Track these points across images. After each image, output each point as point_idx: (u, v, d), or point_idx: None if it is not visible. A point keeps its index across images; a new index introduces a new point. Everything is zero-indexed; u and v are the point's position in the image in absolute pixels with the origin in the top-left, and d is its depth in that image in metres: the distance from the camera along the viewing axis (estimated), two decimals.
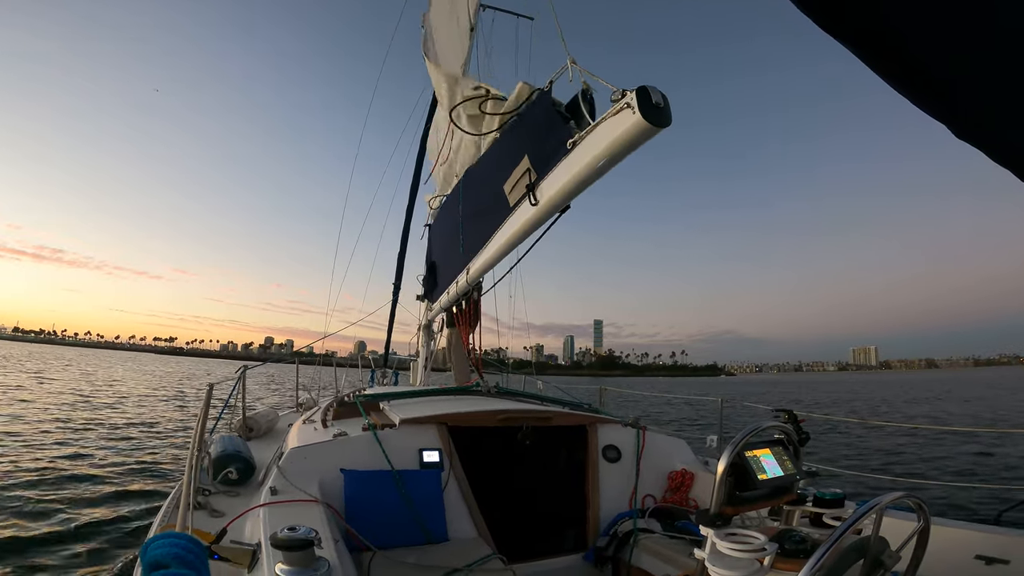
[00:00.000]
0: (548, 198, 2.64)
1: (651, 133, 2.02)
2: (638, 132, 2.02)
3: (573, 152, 2.40)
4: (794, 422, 2.25)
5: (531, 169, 2.79)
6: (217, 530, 1.91)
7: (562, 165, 2.49)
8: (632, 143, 2.09)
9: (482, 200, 3.75)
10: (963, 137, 0.85)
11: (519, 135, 2.99)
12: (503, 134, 3.20)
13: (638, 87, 1.99)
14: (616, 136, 2.10)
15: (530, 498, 3.15)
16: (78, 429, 10.24)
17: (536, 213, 2.78)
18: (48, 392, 16.99)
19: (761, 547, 1.41)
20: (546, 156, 2.64)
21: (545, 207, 2.70)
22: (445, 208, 5.13)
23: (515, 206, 3.03)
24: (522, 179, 2.87)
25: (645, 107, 1.96)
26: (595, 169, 2.31)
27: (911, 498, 1.38)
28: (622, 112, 2.04)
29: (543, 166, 2.68)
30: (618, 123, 2.08)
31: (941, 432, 14.07)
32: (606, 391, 6.33)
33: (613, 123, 2.11)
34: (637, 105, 1.96)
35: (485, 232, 3.59)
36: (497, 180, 3.25)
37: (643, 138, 2.05)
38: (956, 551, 2.11)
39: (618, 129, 2.08)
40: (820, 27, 0.74)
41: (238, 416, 4.32)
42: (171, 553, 1.43)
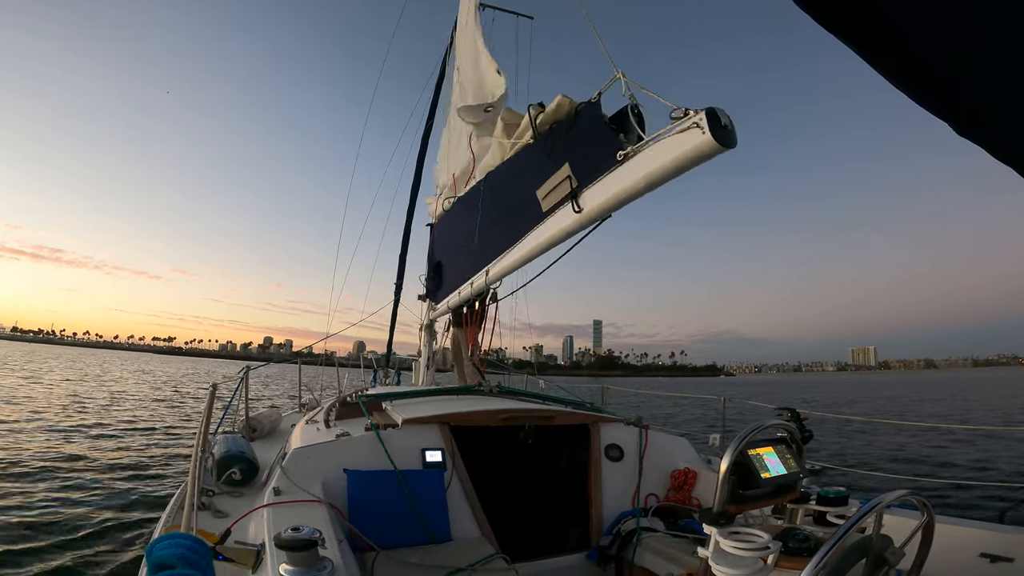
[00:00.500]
0: (594, 206, 2.70)
1: (717, 153, 2.09)
2: (705, 151, 2.09)
3: (625, 164, 2.46)
4: (797, 420, 2.25)
5: (572, 177, 2.85)
6: (221, 530, 1.92)
7: (612, 176, 2.55)
8: (696, 161, 2.16)
9: (506, 204, 3.80)
10: (964, 134, 0.85)
11: (557, 143, 3.04)
12: (536, 141, 3.25)
13: (707, 108, 2.07)
14: (680, 153, 2.17)
15: (533, 497, 3.15)
16: (80, 430, 10.27)
17: (579, 220, 2.83)
18: (48, 393, 17.01)
19: (765, 545, 1.41)
20: (591, 165, 2.71)
21: (589, 215, 2.76)
22: (458, 209, 5.13)
23: (549, 212, 3.09)
24: (561, 186, 2.94)
25: (715, 128, 2.03)
26: (650, 182, 2.37)
27: (915, 496, 1.38)
28: (690, 131, 2.11)
29: (587, 175, 2.74)
30: (684, 141, 2.14)
31: (945, 430, 14.06)
32: (608, 390, 6.32)
33: (678, 140, 2.17)
34: (708, 126, 2.04)
35: (510, 235, 3.63)
36: (527, 185, 3.29)
37: (708, 157, 2.12)
38: (960, 549, 2.11)
39: (683, 147, 2.15)
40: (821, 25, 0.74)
41: (241, 417, 4.33)
42: (176, 554, 1.43)
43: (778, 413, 2.34)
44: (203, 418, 2.56)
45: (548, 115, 3.10)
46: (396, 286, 7.91)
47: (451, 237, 5.45)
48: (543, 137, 3.16)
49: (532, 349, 17.19)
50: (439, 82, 7.85)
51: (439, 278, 5.80)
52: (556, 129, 3.06)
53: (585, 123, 2.85)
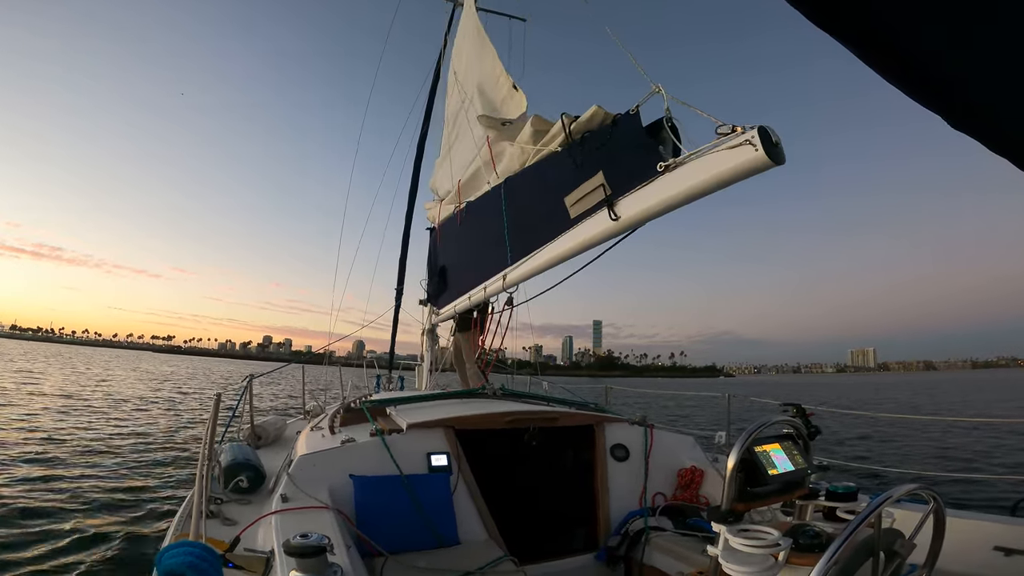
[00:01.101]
0: (632, 215, 2.75)
1: (767, 168, 2.15)
2: (757, 167, 2.15)
3: (665, 175, 2.52)
4: (803, 416, 2.25)
5: (605, 185, 2.90)
6: (230, 538, 1.92)
7: (651, 186, 2.61)
8: (746, 176, 2.22)
9: (530, 209, 3.83)
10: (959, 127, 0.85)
11: (590, 151, 3.08)
12: (565, 149, 3.30)
13: (759, 126, 2.12)
14: (729, 168, 2.22)
15: (540, 499, 3.15)
16: (83, 435, 10.23)
17: (615, 227, 2.88)
18: (48, 395, 16.95)
19: (775, 542, 1.41)
20: (628, 175, 2.77)
21: (625, 223, 2.81)
22: (467, 213, 5.13)
23: (579, 219, 3.14)
24: (593, 194, 2.99)
25: (767, 146, 2.09)
26: (694, 194, 2.42)
27: (924, 490, 1.38)
28: (741, 147, 2.16)
29: (623, 184, 2.80)
30: (734, 156, 2.20)
31: (951, 424, 14.05)
32: (611, 390, 6.32)
33: (727, 155, 2.22)
34: (760, 144, 2.09)
35: (532, 240, 3.65)
36: (554, 191, 3.34)
37: (758, 172, 2.18)
38: (974, 543, 2.10)
39: (733, 162, 2.20)
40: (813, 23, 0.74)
41: (246, 424, 4.33)
42: (186, 562, 1.43)
43: (784, 409, 2.34)
44: (208, 427, 2.57)
45: (581, 124, 3.15)
46: (397, 291, 7.92)
47: (458, 242, 5.44)
48: (574, 145, 3.21)
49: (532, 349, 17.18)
50: (433, 86, 7.88)
51: (443, 283, 5.79)
52: (589, 138, 3.11)
53: (623, 134, 2.90)
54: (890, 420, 15.98)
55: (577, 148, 3.17)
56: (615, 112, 3.00)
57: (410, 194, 8.01)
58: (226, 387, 24.37)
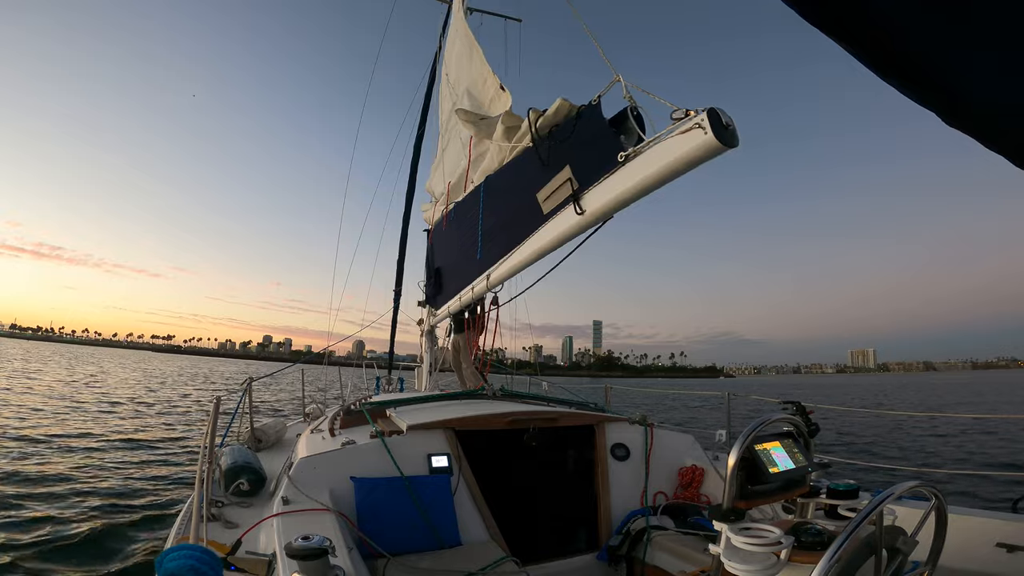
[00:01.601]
0: (596, 208, 2.71)
1: (719, 152, 2.09)
2: (708, 151, 2.09)
3: (627, 165, 2.47)
4: (803, 414, 2.25)
5: (573, 179, 2.86)
6: (232, 541, 1.92)
7: (614, 177, 2.56)
8: (698, 161, 2.17)
9: (507, 207, 3.80)
10: (953, 124, 0.85)
11: (557, 145, 3.05)
12: (535, 143, 3.26)
13: (708, 109, 2.07)
14: (682, 154, 2.17)
15: (541, 499, 3.15)
16: (82, 439, 10.19)
17: (581, 222, 2.84)
18: (46, 396, 16.89)
19: (777, 540, 1.41)
20: (592, 168, 2.72)
21: (591, 217, 2.77)
22: (455, 214, 5.14)
23: (550, 215, 3.10)
24: (562, 188, 2.94)
25: (717, 128, 2.03)
26: (652, 183, 2.38)
27: (926, 487, 1.38)
28: (692, 131, 2.11)
29: (588, 177, 2.75)
30: (686, 141, 2.14)
31: (952, 420, 14.06)
32: (611, 390, 6.32)
33: (679, 141, 2.17)
34: (709, 126, 2.03)
35: (510, 238, 3.62)
36: (528, 188, 3.30)
37: (710, 157, 2.13)
38: (976, 540, 2.11)
39: (685, 147, 2.15)
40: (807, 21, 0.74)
41: (246, 427, 4.32)
42: (187, 565, 1.43)
43: (784, 407, 2.34)
44: (208, 430, 2.56)
45: (548, 118, 3.10)
46: (395, 293, 7.92)
47: (449, 242, 5.45)
48: (543, 140, 3.17)
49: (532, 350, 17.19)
50: (429, 87, 7.89)
51: (439, 284, 5.80)
52: (556, 132, 3.07)
53: (585, 125, 2.86)
54: (890, 417, 15.99)
55: (545, 143, 3.14)
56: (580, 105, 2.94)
57: (407, 196, 8.03)
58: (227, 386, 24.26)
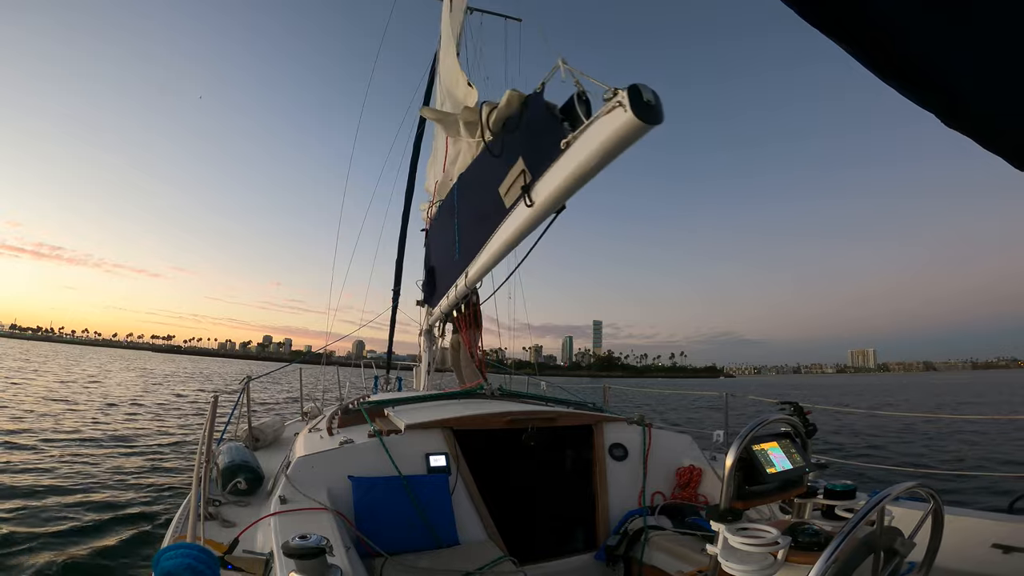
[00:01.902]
0: (543, 199, 2.66)
1: (643, 131, 2.02)
2: (630, 130, 2.02)
3: (567, 152, 2.41)
4: (800, 414, 2.25)
5: (526, 171, 2.80)
6: (229, 540, 1.92)
7: (556, 166, 2.50)
8: (624, 141, 2.10)
9: (477, 204, 3.77)
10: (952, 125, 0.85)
11: (513, 138, 3.01)
12: (496, 137, 3.22)
13: (630, 85, 1.99)
14: (608, 134, 2.11)
15: (539, 499, 3.15)
16: (80, 438, 10.18)
17: (532, 214, 2.79)
18: (45, 396, 16.87)
19: (774, 541, 1.41)
20: (540, 157, 2.66)
21: (540, 208, 2.72)
22: (441, 213, 5.16)
23: (511, 208, 3.06)
24: (517, 181, 2.88)
25: (637, 105, 1.96)
26: (589, 168, 2.31)
27: (923, 487, 1.38)
28: (614, 111, 2.05)
29: (537, 167, 2.69)
30: (610, 121, 2.08)
31: (949, 421, 14.08)
32: (609, 390, 6.32)
33: (605, 122, 2.11)
34: (629, 103, 1.96)
35: (482, 235, 3.59)
36: (492, 183, 3.26)
37: (635, 136, 2.06)
38: (972, 540, 2.11)
39: (610, 127, 2.09)
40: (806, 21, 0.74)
41: (244, 426, 4.32)
42: (184, 563, 1.43)
43: (781, 408, 2.34)
44: (206, 428, 2.56)
45: (501, 111, 3.05)
46: (394, 292, 7.91)
47: (437, 241, 5.47)
48: (502, 133, 3.12)
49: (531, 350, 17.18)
50: (429, 87, 7.88)
51: (433, 283, 5.81)
52: (509, 124, 3.02)
53: (532, 115, 2.81)
54: (888, 417, 16.01)
55: (503, 135, 3.09)
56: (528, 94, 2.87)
57: (406, 195, 8.03)
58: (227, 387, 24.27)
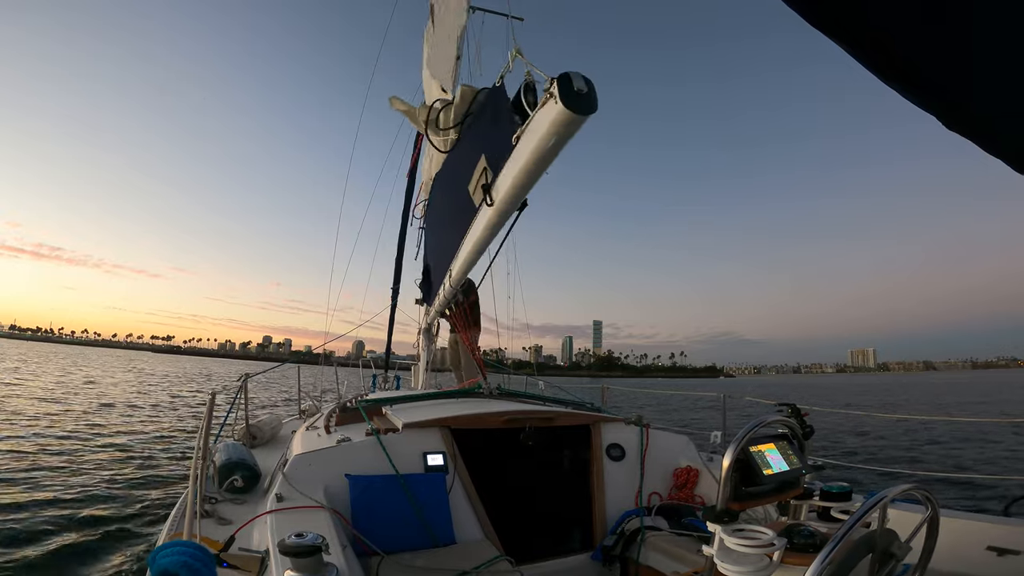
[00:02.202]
0: (501, 196, 2.60)
1: (576, 122, 1.92)
2: (562, 121, 1.93)
3: (517, 147, 2.33)
4: (798, 416, 2.25)
5: (487, 168, 2.74)
6: (225, 538, 1.92)
7: (510, 161, 2.43)
8: (559, 133, 2.00)
9: (452, 203, 3.71)
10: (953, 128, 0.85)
11: (475, 135, 2.94)
12: (462, 136, 3.13)
13: (560, 74, 1.89)
14: (545, 127, 2.02)
15: (536, 499, 3.15)
16: (77, 436, 10.19)
17: (494, 213, 2.73)
18: (44, 396, 16.86)
19: (770, 542, 1.41)
20: (499, 154, 2.58)
21: (500, 206, 2.65)
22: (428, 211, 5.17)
23: (479, 207, 2.98)
24: (480, 179, 2.82)
25: (567, 95, 1.86)
26: (534, 163, 2.22)
27: (919, 490, 1.38)
28: (548, 103, 1.96)
29: (497, 164, 2.63)
30: (545, 114, 2.00)
31: (947, 423, 14.10)
32: (608, 390, 6.33)
33: (543, 114, 2.03)
34: (558, 94, 1.87)
35: (458, 234, 3.54)
36: (462, 182, 3.20)
37: (568, 127, 1.96)
38: (967, 543, 2.11)
39: (546, 120, 2.00)
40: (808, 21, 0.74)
41: (241, 424, 4.32)
42: (180, 561, 1.43)
43: (779, 409, 2.34)
44: (203, 425, 2.56)
45: (457, 107, 2.96)
46: (393, 291, 7.91)
47: (430, 241, 5.46)
48: (467, 131, 3.04)
49: (531, 350, 17.19)
50: None
51: (429, 282, 5.82)
52: (474, 122, 2.94)
53: (491, 110, 2.73)
54: (884, 420, 16.02)
55: (468, 133, 3.01)
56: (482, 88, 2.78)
57: (406, 193, 8.01)
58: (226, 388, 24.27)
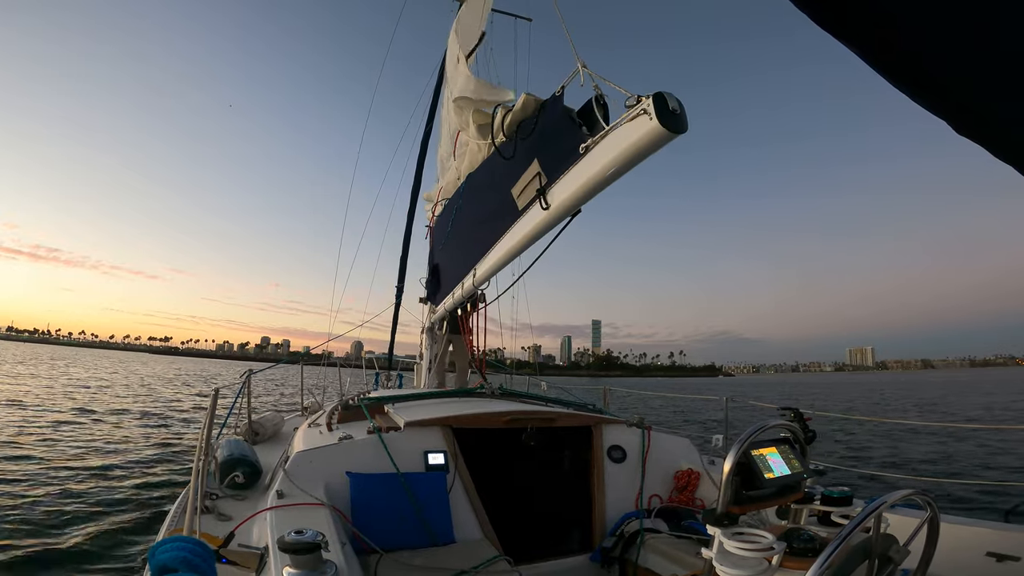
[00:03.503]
0: (560, 202, 2.68)
1: (667, 139, 2.04)
2: (655, 138, 2.04)
3: (586, 157, 2.43)
4: (800, 420, 2.25)
5: (541, 173, 2.83)
6: (225, 534, 1.92)
7: (575, 170, 2.52)
8: (648, 148, 2.11)
9: (487, 204, 3.79)
10: (963, 132, 0.84)
11: (527, 140, 3.04)
12: (510, 140, 3.25)
13: (655, 93, 2.00)
14: (632, 141, 2.13)
15: (536, 499, 3.15)
16: (78, 433, 10.24)
17: (547, 217, 2.81)
18: (42, 395, 16.94)
19: (769, 546, 1.40)
20: (557, 161, 2.68)
21: (556, 211, 2.74)
22: (448, 211, 5.17)
23: (524, 210, 3.08)
24: (532, 183, 2.91)
25: (662, 113, 1.97)
26: (609, 173, 2.34)
27: (919, 495, 1.37)
28: (639, 118, 2.06)
29: (554, 171, 2.72)
30: (634, 128, 2.10)
31: (947, 429, 14.04)
32: (609, 391, 6.32)
33: (629, 128, 2.13)
34: (655, 111, 1.97)
35: (492, 235, 3.62)
36: (504, 184, 3.29)
37: (659, 144, 2.08)
38: (966, 549, 2.10)
39: (634, 135, 2.10)
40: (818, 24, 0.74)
41: (244, 420, 4.33)
42: (179, 557, 1.43)
43: (781, 413, 2.33)
44: (205, 422, 2.56)
45: (516, 114, 3.08)
46: (397, 289, 7.92)
47: (444, 240, 5.49)
48: (513, 136, 3.16)
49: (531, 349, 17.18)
50: (438, 84, 7.87)
51: (437, 281, 5.82)
52: (524, 127, 3.05)
53: (549, 118, 2.83)
54: (886, 424, 15.98)
55: (515, 138, 3.12)
56: (545, 98, 2.90)
57: (412, 192, 8.02)
58: None
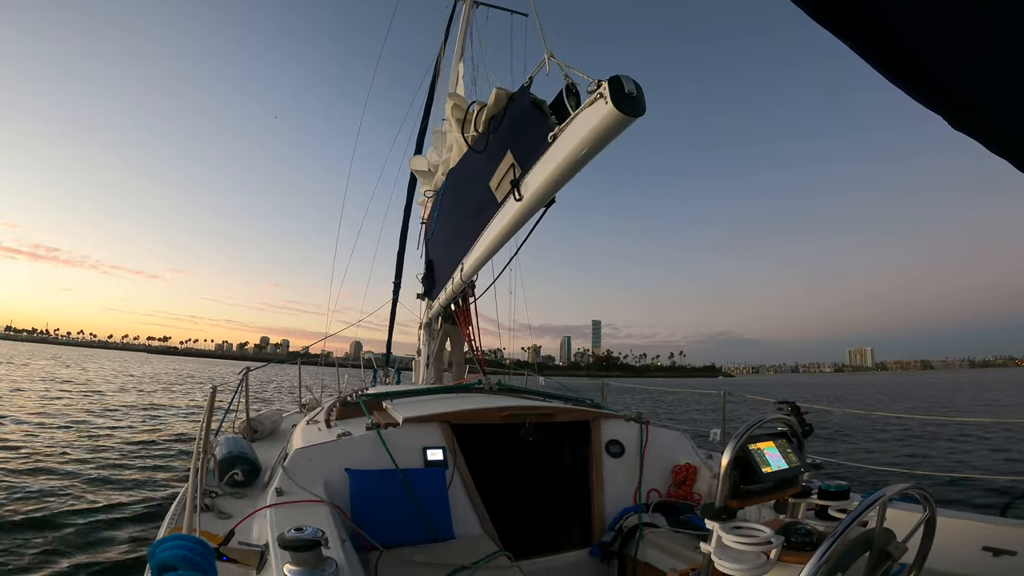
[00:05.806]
0: (532, 192, 2.69)
1: (624, 123, 2.02)
2: (611, 122, 2.03)
3: (554, 145, 2.43)
4: (797, 414, 2.25)
5: (515, 165, 2.84)
6: (225, 532, 1.92)
7: (544, 159, 2.53)
8: (606, 133, 2.10)
9: (470, 198, 3.80)
10: (959, 128, 0.84)
11: (502, 132, 3.07)
12: (482, 134, 3.28)
13: (611, 77, 1.99)
14: (591, 127, 2.12)
15: (535, 494, 3.16)
16: (78, 432, 10.22)
17: (521, 208, 2.81)
18: (42, 395, 16.91)
19: (767, 540, 1.41)
20: (528, 151, 2.69)
21: (529, 201, 2.74)
22: (435, 206, 5.19)
23: (502, 202, 3.09)
24: (507, 175, 2.92)
25: (617, 97, 1.95)
26: (574, 160, 2.32)
27: (917, 489, 1.38)
28: (596, 103, 2.05)
29: (526, 161, 2.73)
30: (592, 114, 2.09)
31: (945, 423, 14.11)
32: (608, 387, 6.33)
33: (588, 114, 2.13)
34: (609, 95, 1.96)
35: (475, 229, 3.62)
36: (483, 178, 3.30)
37: (616, 128, 2.06)
38: (963, 543, 2.11)
39: (592, 120, 2.09)
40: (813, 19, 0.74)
41: (242, 418, 4.33)
42: (179, 555, 1.43)
43: (778, 407, 2.34)
44: (204, 419, 2.56)
45: (489, 109, 3.12)
46: (394, 285, 7.91)
47: (436, 235, 5.50)
48: (491, 128, 3.19)
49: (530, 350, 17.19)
50: (433, 80, 7.86)
51: (432, 276, 5.82)
52: (494, 120, 3.09)
53: (518, 110, 2.85)
54: (883, 418, 16.04)
55: (492, 130, 3.16)
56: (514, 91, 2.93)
57: (409, 188, 8.00)
58: None
